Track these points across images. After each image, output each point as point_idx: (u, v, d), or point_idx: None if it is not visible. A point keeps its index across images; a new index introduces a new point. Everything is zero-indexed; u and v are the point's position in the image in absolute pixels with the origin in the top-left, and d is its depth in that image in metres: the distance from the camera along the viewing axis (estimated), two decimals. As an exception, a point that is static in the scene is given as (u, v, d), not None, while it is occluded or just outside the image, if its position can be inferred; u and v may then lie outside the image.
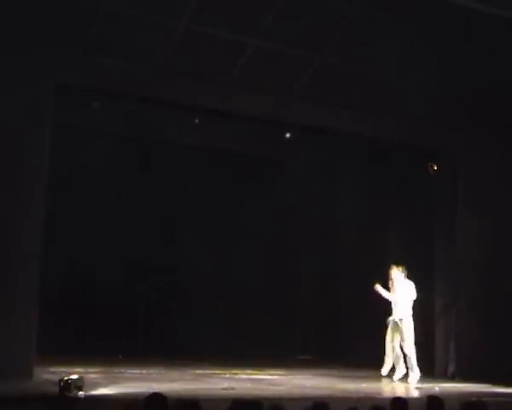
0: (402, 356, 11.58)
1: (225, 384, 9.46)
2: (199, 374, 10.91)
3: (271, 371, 11.45)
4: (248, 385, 9.82)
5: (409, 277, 11.71)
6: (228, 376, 10.85)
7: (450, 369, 12.14)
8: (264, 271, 14.35)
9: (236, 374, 11.11)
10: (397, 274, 11.67)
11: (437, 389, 10.19)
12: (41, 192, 9.62)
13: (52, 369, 9.87)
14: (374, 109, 11.48)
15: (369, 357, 12.36)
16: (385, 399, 6.89)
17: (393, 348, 11.64)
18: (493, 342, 11.71)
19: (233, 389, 9.03)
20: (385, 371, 11.74)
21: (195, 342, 13.25)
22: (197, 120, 12.31)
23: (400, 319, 11.54)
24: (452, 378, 11.86)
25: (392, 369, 11.71)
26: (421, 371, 11.52)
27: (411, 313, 11.55)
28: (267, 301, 14.23)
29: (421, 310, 12.63)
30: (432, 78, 11.29)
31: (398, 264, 11.78)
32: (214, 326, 13.87)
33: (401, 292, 11.55)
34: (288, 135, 13.11)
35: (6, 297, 9.10)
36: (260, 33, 10.23)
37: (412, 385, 11.15)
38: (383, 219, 13.95)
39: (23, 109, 9.40)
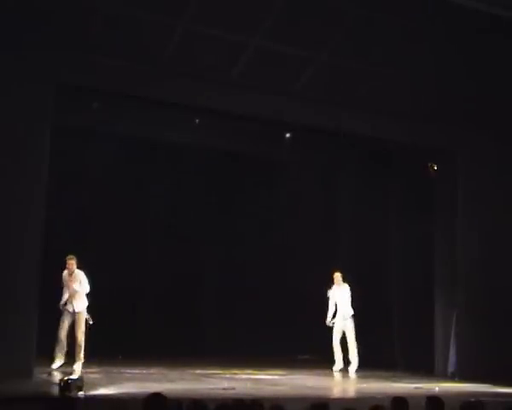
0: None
1: (225, 384, 9.46)
2: (199, 374, 10.91)
3: (271, 371, 11.45)
4: (248, 385, 9.82)
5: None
6: (228, 376, 10.85)
7: (450, 369, 12.15)
8: (263, 270, 14.34)
9: (236, 374, 11.11)
10: None
11: (437, 389, 10.18)
12: (41, 192, 9.61)
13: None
14: (374, 109, 11.48)
15: (369, 357, 12.35)
16: (385, 398, 6.87)
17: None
18: (493, 342, 11.70)
19: (233, 389, 9.03)
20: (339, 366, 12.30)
21: (196, 342, 13.24)
22: (197, 120, 12.32)
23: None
24: (452, 378, 11.87)
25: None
26: (421, 370, 11.51)
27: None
28: (267, 300, 14.21)
29: (421, 309, 12.66)
30: (432, 78, 11.29)
31: None
32: (214, 326, 13.87)
33: None
34: (288, 135, 13.13)
35: (6, 297, 9.09)
36: (260, 33, 10.24)
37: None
38: (383, 218, 13.94)
39: (23, 109, 9.40)
